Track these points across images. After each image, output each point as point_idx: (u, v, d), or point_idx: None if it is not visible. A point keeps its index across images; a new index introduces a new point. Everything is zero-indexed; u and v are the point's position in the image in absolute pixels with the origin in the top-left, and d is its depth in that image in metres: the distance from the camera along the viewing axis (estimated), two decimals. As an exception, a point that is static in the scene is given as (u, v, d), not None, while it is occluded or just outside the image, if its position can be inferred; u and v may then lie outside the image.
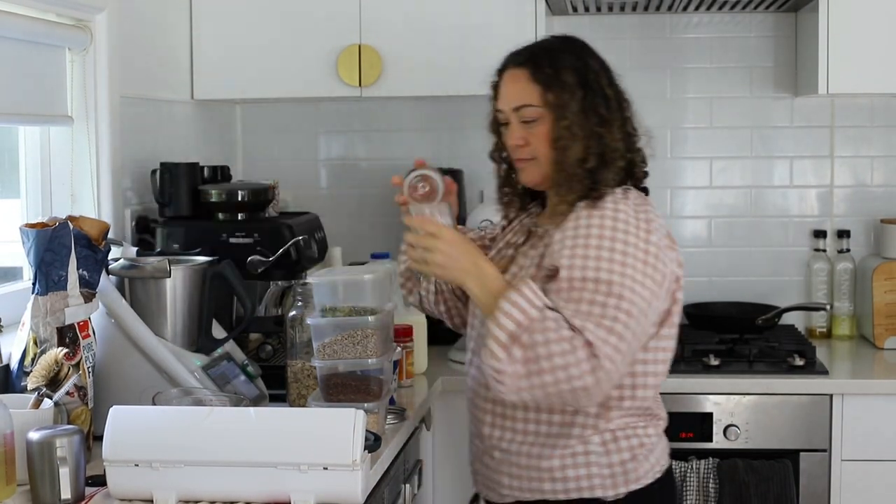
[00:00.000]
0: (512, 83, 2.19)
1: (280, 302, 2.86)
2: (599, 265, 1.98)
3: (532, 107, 2.14)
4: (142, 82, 2.93)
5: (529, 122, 2.15)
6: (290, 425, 1.86)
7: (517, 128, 2.18)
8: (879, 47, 3.12)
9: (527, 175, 2.21)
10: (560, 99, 2.12)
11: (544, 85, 2.13)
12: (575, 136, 2.11)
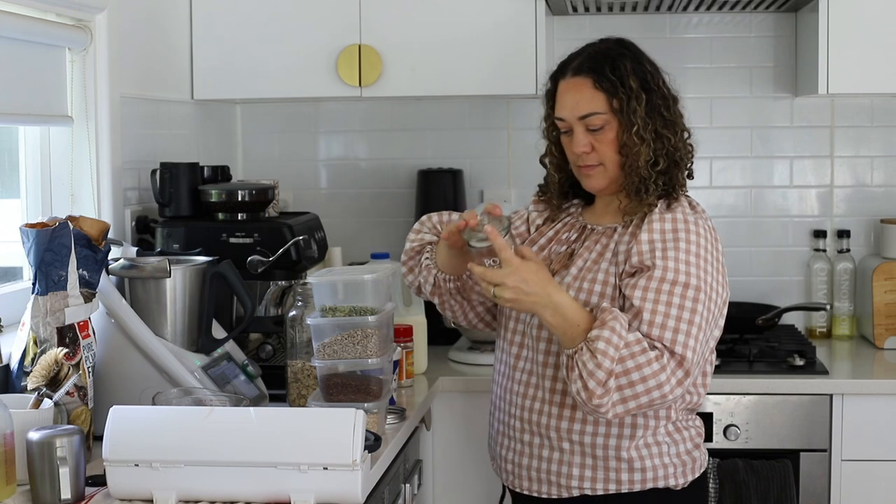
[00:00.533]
0: (575, 92, 2.21)
1: (280, 302, 2.86)
2: (689, 270, 2.09)
3: (598, 114, 2.19)
4: (142, 82, 2.93)
5: (596, 129, 2.19)
6: (290, 425, 1.86)
7: (583, 136, 2.21)
8: (879, 47, 3.12)
9: (594, 181, 2.24)
10: (626, 105, 2.18)
11: (609, 92, 2.18)
12: (643, 140, 2.17)
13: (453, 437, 2.98)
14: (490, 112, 3.61)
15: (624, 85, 2.19)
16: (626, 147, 2.18)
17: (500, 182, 3.63)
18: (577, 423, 2.19)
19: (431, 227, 2.43)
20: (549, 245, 2.32)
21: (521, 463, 2.27)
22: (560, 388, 2.19)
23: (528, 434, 2.24)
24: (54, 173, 2.69)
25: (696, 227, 2.15)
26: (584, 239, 2.27)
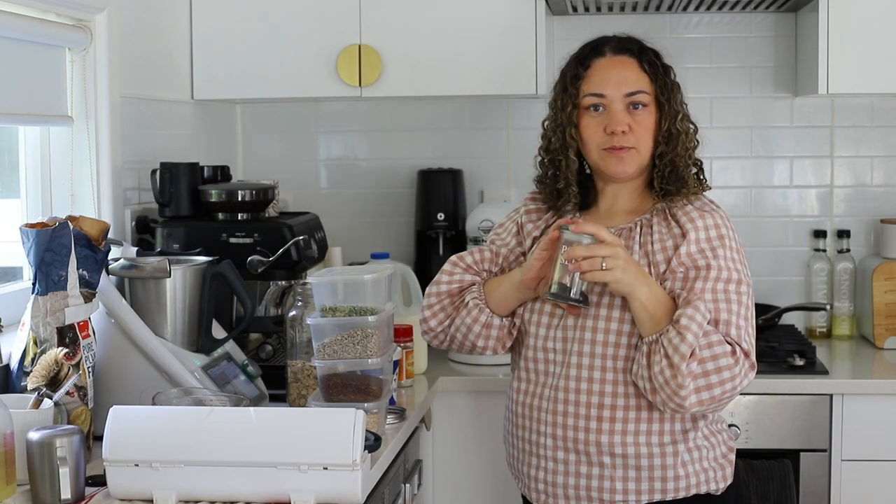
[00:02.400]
0: (622, 68, 2.18)
1: (280, 302, 2.86)
2: (738, 267, 2.13)
3: (645, 93, 2.17)
4: (142, 82, 2.93)
5: (636, 109, 2.17)
6: (290, 425, 1.86)
7: (623, 114, 2.16)
8: (879, 47, 3.12)
9: (624, 164, 2.18)
10: (669, 92, 2.18)
11: (653, 76, 2.18)
12: (681, 131, 2.18)
13: (453, 437, 2.98)
14: (490, 112, 3.62)
15: (667, 73, 2.20)
16: (667, 134, 2.17)
17: (500, 182, 3.63)
18: (616, 434, 2.13)
19: (467, 266, 2.32)
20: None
21: (554, 482, 2.19)
22: (596, 401, 2.14)
23: (561, 451, 2.17)
24: (54, 173, 2.69)
25: (730, 223, 2.18)
26: None
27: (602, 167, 2.21)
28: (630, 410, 2.14)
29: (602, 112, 2.18)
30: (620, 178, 2.21)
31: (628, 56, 2.19)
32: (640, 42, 2.23)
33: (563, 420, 2.16)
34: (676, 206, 2.18)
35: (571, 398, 2.16)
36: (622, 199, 2.24)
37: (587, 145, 2.21)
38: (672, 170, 2.18)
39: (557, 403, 2.17)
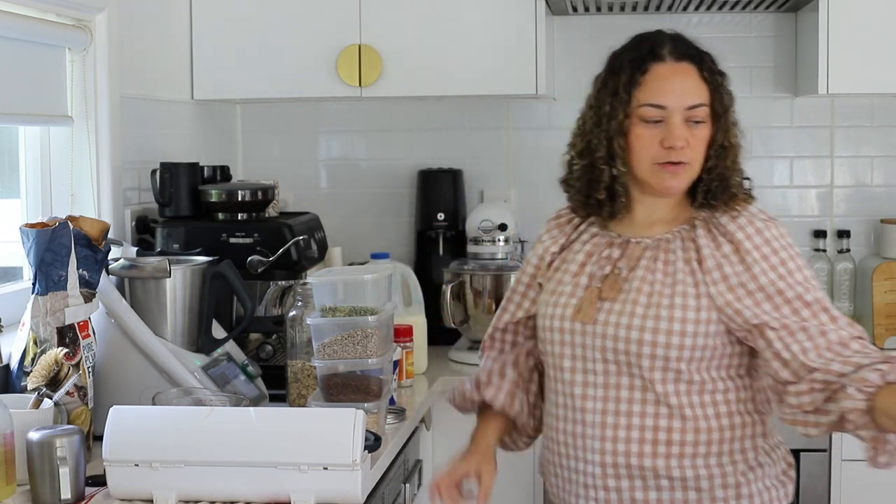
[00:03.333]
0: (683, 77, 2.00)
1: (280, 302, 2.86)
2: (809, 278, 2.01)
3: (705, 107, 2.01)
4: (142, 82, 2.93)
5: (696, 124, 2.00)
6: (290, 425, 1.86)
7: (682, 128, 1.98)
8: (879, 47, 3.12)
9: (678, 180, 2.01)
10: (725, 103, 2.04)
11: (711, 86, 2.02)
12: (734, 145, 2.06)
13: (453, 437, 2.96)
14: (490, 112, 3.61)
15: (724, 81, 2.04)
16: (720, 147, 2.02)
17: (500, 182, 3.63)
18: (673, 458, 1.98)
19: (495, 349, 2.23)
20: (583, 270, 2.07)
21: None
22: (651, 423, 1.97)
23: (612, 479, 2.00)
24: (54, 173, 2.69)
25: (785, 230, 2.08)
26: (637, 256, 2.03)
27: (653, 182, 2.02)
28: (687, 433, 1.98)
29: (660, 124, 1.99)
30: (672, 194, 2.04)
31: (689, 63, 2.01)
32: (697, 46, 2.05)
33: (613, 446, 1.99)
34: (722, 216, 2.02)
35: (618, 422, 1.99)
36: (661, 209, 2.07)
37: (637, 157, 2.01)
38: (720, 183, 2.03)
39: (607, 429, 1.99)
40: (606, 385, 2.01)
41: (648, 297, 1.98)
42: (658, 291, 1.98)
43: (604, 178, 2.04)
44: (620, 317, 1.98)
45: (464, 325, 3.16)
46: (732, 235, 2.00)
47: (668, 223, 2.06)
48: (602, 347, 2.00)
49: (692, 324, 1.96)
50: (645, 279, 2.00)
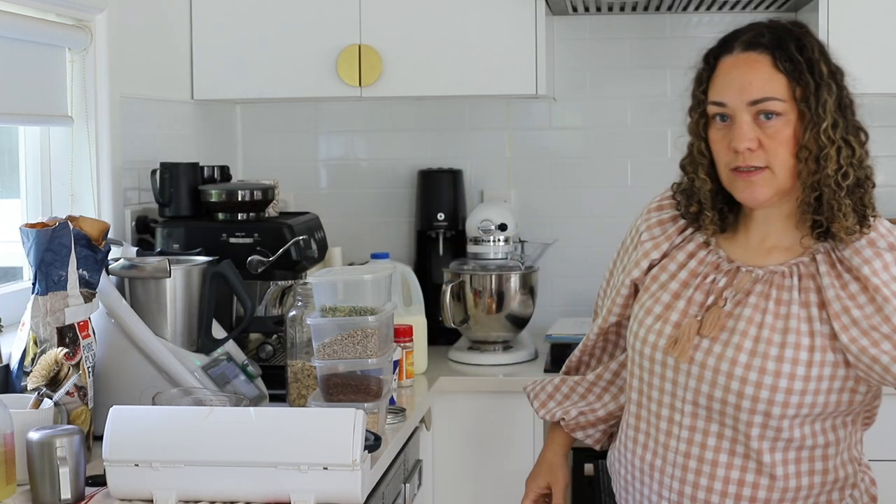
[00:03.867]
0: (747, 69, 1.79)
1: (280, 302, 2.86)
2: None
3: (776, 100, 1.77)
4: (142, 82, 2.93)
5: (767, 120, 1.78)
6: (290, 425, 1.86)
7: (749, 127, 1.77)
8: (879, 47, 3.12)
9: (755, 191, 1.79)
10: (814, 94, 1.77)
11: (792, 76, 1.78)
12: (833, 143, 1.78)
13: (453, 437, 2.98)
14: (490, 112, 3.61)
15: (813, 70, 1.77)
16: (809, 149, 1.76)
17: (500, 182, 3.62)
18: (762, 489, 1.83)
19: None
20: (684, 291, 1.87)
21: None
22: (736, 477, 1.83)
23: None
24: (54, 173, 2.69)
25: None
26: (746, 289, 1.82)
27: (732, 192, 1.83)
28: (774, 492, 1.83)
29: (728, 123, 1.80)
30: (754, 206, 1.83)
31: (760, 52, 1.80)
32: (783, 31, 1.82)
33: (693, 492, 1.86)
34: (846, 248, 1.78)
35: (706, 470, 1.84)
36: (775, 233, 1.84)
37: (717, 163, 1.84)
38: (819, 196, 1.78)
39: (687, 473, 1.86)
40: (693, 428, 1.85)
41: (755, 342, 1.77)
42: (766, 338, 1.77)
43: (695, 190, 1.88)
44: (720, 362, 1.79)
45: (464, 325, 3.16)
46: (858, 271, 1.76)
47: (785, 251, 1.83)
48: (696, 390, 1.82)
49: (801, 381, 1.75)
50: (752, 320, 1.79)
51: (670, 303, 1.88)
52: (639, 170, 3.61)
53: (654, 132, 3.61)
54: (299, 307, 2.45)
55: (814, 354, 1.76)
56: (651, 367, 1.88)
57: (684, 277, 1.89)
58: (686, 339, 1.82)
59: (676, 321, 1.85)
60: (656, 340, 1.87)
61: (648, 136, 3.60)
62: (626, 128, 3.61)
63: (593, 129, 3.61)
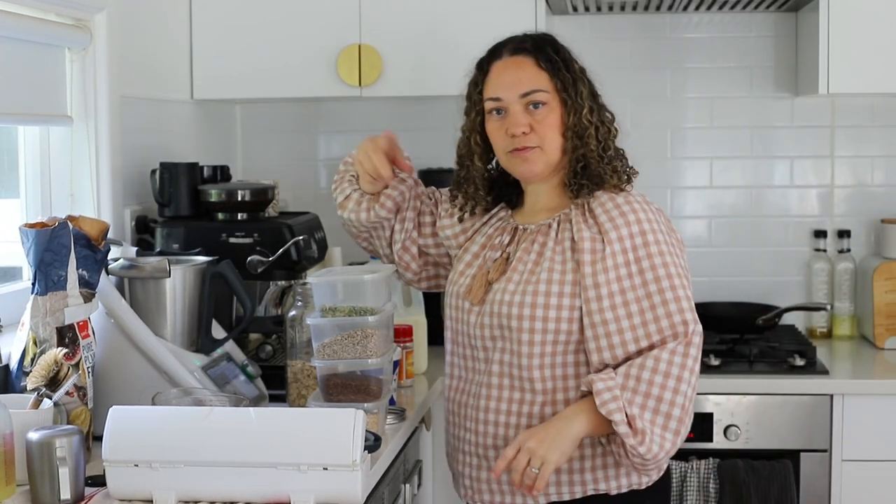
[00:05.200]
0: (516, 69, 2.18)
1: (280, 302, 2.85)
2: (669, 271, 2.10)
3: (542, 92, 2.16)
4: (142, 82, 2.93)
5: (536, 108, 2.16)
6: (290, 425, 1.86)
7: (522, 115, 2.16)
8: (879, 47, 3.12)
9: (529, 164, 2.18)
10: (571, 86, 2.16)
11: (551, 72, 2.16)
12: (591, 123, 2.15)
13: (453, 438, 2.98)
14: (490, 112, 3.61)
15: (568, 67, 2.17)
16: (574, 129, 2.15)
17: (500, 182, 3.62)
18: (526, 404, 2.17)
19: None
20: (483, 252, 2.28)
21: (478, 477, 2.24)
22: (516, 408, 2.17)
23: (481, 447, 2.22)
24: (54, 173, 2.69)
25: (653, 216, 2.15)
26: (519, 241, 2.23)
27: (510, 169, 2.23)
28: (546, 406, 2.15)
29: (503, 115, 2.19)
30: (530, 179, 2.22)
31: (524, 56, 2.18)
32: (539, 39, 2.22)
33: (485, 416, 2.20)
34: (595, 201, 2.16)
35: (494, 394, 2.19)
36: (543, 197, 2.24)
37: (496, 149, 2.24)
38: (584, 165, 2.16)
39: (480, 399, 2.21)
40: (488, 360, 2.20)
41: (520, 276, 2.15)
42: (528, 271, 2.15)
43: (469, 174, 2.29)
44: (499, 295, 2.16)
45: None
46: (602, 224, 2.12)
47: (551, 210, 2.21)
48: (481, 325, 2.19)
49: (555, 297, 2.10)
50: (522, 260, 2.18)
51: (471, 261, 2.28)
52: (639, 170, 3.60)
53: (654, 132, 3.61)
54: (299, 307, 2.45)
55: (564, 285, 2.12)
56: (456, 315, 2.26)
57: (482, 241, 2.29)
58: (478, 286, 2.21)
59: (473, 273, 2.25)
60: (457, 290, 2.26)
61: (648, 136, 3.60)
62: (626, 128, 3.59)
63: (593, 129, 3.61)
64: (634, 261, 2.08)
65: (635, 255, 2.08)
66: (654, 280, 2.08)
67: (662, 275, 2.08)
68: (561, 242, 2.16)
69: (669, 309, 2.07)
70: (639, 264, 2.08)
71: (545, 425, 2.06)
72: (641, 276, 2.07)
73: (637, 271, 2.08)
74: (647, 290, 2.07)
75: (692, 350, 2.07)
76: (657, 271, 2.08)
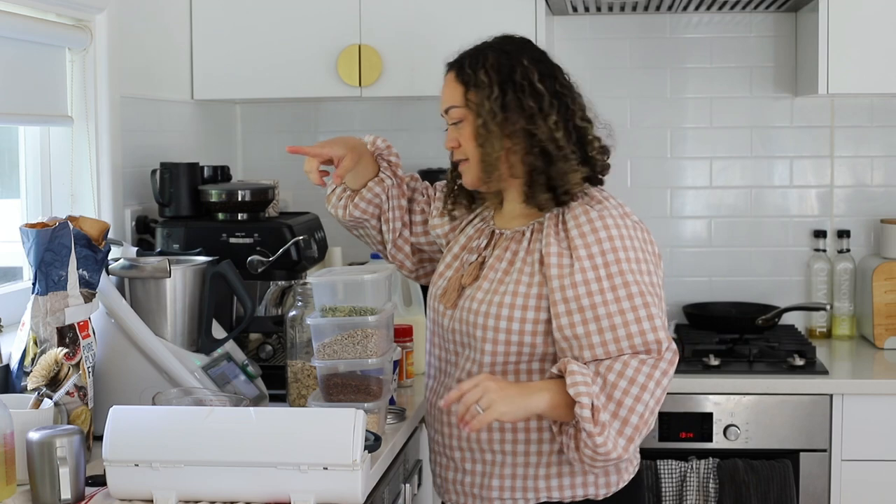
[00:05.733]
0: (445, 85, 2.21)
1: (280, 302, 2.85)
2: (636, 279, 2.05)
3: (456, 108, 2.17)
4: (142, 82, 2.93)
5: (457, 123, 2.18)
6: (290, 425, 1.86)
7: (451, 130, 2.20)
8: (879, 47, 3.13)
9: (465, 177, 2.21)
10: (477, 97, 2.13)
11: (465, 85, 2.16)
12: (491, 133, 2.12)
13: (453, 437, 2.98)
14: (490, 112, 3.61)
15: (477, 77, 2.14)
16: (479, 139, 2.14)
17: (500, 182, 3.62)
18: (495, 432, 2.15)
19: None
20: (461, 254, 2.27)
21: (446, 477, 2.26)
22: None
23: (449, 449, 2.24)
24: (54, 173, 2.69)
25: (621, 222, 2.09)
26: (494, 245, 2.21)
27: None
28: None
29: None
30: (473, 188, 2.23)
31: (449, 71, 2.20)
32: (473, 51, 2.19)
33: (449, 418, 2.20)
34: (570, 213, 2.11)
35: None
36: (511, 204, 2.22)
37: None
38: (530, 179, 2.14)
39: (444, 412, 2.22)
40: (457, 365, 2.21)
41: (490, 284, 2.15)
42: (498, 280, 2.14)
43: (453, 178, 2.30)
44: (469, 302, 2.16)
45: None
46: (568, 232, 2.09)
47: (526, 217, 2.19)
48: (452, 329, 2.20)
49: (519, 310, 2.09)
50: (493, 268, 2.17)
51: (450, 262, 2.28)
52: (639, 170, 3.62)
53: (654, 132, 3.61)
54: (299, 307, 2.45)
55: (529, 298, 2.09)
56: (433, 316, 2.27)
57: (463, 242, 2.28)
58: (452, 290, 2.22)
59: (450, 276, 2.25)
60: (436, 292, 2.27)
61: (648, 136, 3.60)
62: (626, 128, 3.61)
63: (593, 129, 3.61)
64: (606, 277, 2.03)
65: (607, 272, 2.03)
66: (627, 297, 2.02)
67: (635, 292, 2.03)
68: (532, 253, 2.14)
69: (643, 327, 2.02)
70: (611, 280, 2.03)
71: (511, 382, 2.05)
72: (614, 293, 2.02)
73: (609, 287, 2.03)
74: (620, 306, 2.02)
75: (663, 365, 2.02)
76: (629, 288, 2.03)
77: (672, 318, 3.55)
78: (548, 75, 2.16)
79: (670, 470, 2.95)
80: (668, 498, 2.95)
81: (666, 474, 2.95)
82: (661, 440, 2.99)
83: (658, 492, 2.95)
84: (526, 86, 2.13)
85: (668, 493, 2.94)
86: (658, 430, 2.98)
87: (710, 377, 3.01)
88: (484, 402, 1.97)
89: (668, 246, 3.62)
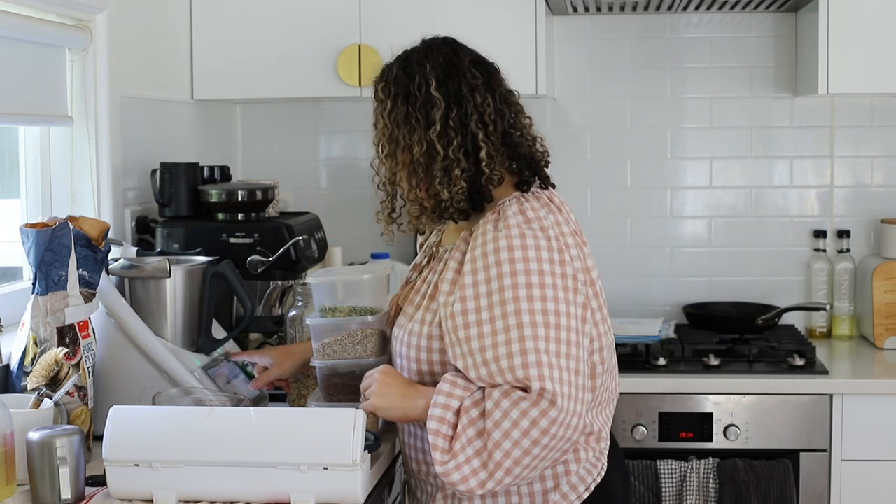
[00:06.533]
0: None
1: (280, 302, 2.86)
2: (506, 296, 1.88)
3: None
4: (142, 82, 2.93)
5: None
6: (290, 425, 1.86)
7: None
8: (879, 47, 3.13)
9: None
10: (374, 116, 2.05)
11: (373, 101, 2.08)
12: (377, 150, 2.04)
13: (453, 437, 2.98)
14: (490, 112, 3.61)
15: (376, 95, 2.05)
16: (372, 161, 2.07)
17: (500, 182, 3.62)
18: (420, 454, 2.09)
19: None
20: (411, 276, 2.19)
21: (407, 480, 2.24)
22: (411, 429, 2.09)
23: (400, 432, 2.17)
24: (54, 173, 2.69)
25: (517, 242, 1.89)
26: (430, 263, 2.12)
27: None
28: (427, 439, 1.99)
29: None
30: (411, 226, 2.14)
31: None
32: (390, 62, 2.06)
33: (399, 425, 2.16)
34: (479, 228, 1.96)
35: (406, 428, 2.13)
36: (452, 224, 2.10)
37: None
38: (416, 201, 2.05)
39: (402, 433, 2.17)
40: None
41: (408, 305, 2.08)
42: (416, 304, 2.06)
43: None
44: (395, 326, 2.10)
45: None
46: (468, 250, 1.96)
47: (458, 231, 2.07)
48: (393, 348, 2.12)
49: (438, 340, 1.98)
50: (416, 289, 2.10)
51: (402, 285, 2.21)
52: (638, 170, 3.62)
53: (653, 132, 3.61)
54: (299, 307, 2.45)
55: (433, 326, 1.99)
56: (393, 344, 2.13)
57: (416, 262, 2.20)
58: (393, 310, 2.16)
59: (395, 294, 2.20)
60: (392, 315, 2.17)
61: (648, 136, 3.61)
62: (626, 128, 3.61)
63: (593, 129, 3.62)
64: (487, 307, 1.87)
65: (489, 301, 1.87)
66: (504, 329, 1.85)
67: (512, 324, 1.84)
68: (444, 272, 2.01)
69: (513, 363, 1.82)
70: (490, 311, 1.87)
71: (405, 382, 1.99)
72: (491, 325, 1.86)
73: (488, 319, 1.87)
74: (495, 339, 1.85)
75: (533, 412, 1.79)
76: (507, 320, 1.85)
77: (672, 318, 3.55)
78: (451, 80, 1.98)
79: (670, 470, 2.94)
80: (668, 498, 2.95)
81: (666, 474, 2.95)
82: (660, 440, 2.99)
83: (658, 492, 2.95)
84: (419, 97, 1.98)
85: (667, 493, 2.94)
86: (658, 430, 2.99)
87: (710, 377, 3.01)
88: (368, 393, 2.00)
89: (668, 246, 3.62)
